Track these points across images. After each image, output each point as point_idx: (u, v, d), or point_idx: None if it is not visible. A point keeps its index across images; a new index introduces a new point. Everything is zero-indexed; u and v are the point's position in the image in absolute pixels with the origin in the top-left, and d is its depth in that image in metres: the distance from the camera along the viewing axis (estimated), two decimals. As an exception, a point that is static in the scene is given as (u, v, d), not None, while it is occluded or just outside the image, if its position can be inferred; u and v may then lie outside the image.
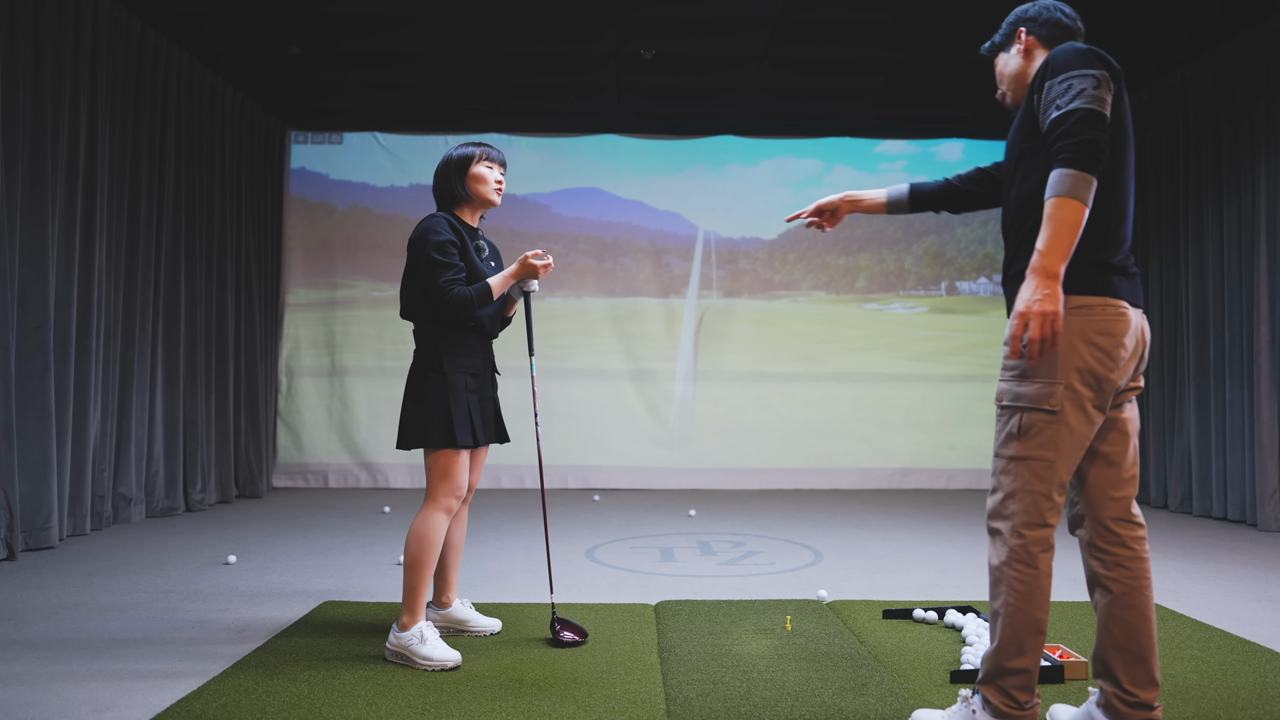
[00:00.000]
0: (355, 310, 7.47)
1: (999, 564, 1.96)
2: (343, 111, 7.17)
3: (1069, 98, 1.85)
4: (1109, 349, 1.90)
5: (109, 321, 5.04)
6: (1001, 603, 1.95)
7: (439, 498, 2.69)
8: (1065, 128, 1.83)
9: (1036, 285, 1.82)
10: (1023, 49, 2.15)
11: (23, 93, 4.29)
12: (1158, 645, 1.99)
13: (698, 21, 5.46)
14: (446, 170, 2.85)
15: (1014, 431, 1.94)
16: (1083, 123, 1.82)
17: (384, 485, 7.23)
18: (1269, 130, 5.36)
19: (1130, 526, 1.98)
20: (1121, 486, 1.99)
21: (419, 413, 2.70)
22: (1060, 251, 1.82)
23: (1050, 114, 1.88)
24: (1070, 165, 1.81)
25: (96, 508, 4.91)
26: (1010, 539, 1.94)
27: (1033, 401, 1.91)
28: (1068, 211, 1.81)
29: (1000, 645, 1.95)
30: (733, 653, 2.72)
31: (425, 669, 2.55)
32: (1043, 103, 1.92)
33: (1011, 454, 1.95)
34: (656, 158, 7.64)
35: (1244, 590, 3.71)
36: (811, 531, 5.19)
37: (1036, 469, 1.91)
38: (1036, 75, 1.98)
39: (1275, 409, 5.29)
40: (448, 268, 2.68)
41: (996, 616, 1.97)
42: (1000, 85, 2.24)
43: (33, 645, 2.79)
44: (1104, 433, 1.99)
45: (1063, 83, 1.87)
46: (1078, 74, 1.87)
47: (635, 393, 7.47)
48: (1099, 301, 1.90)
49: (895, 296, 7.78)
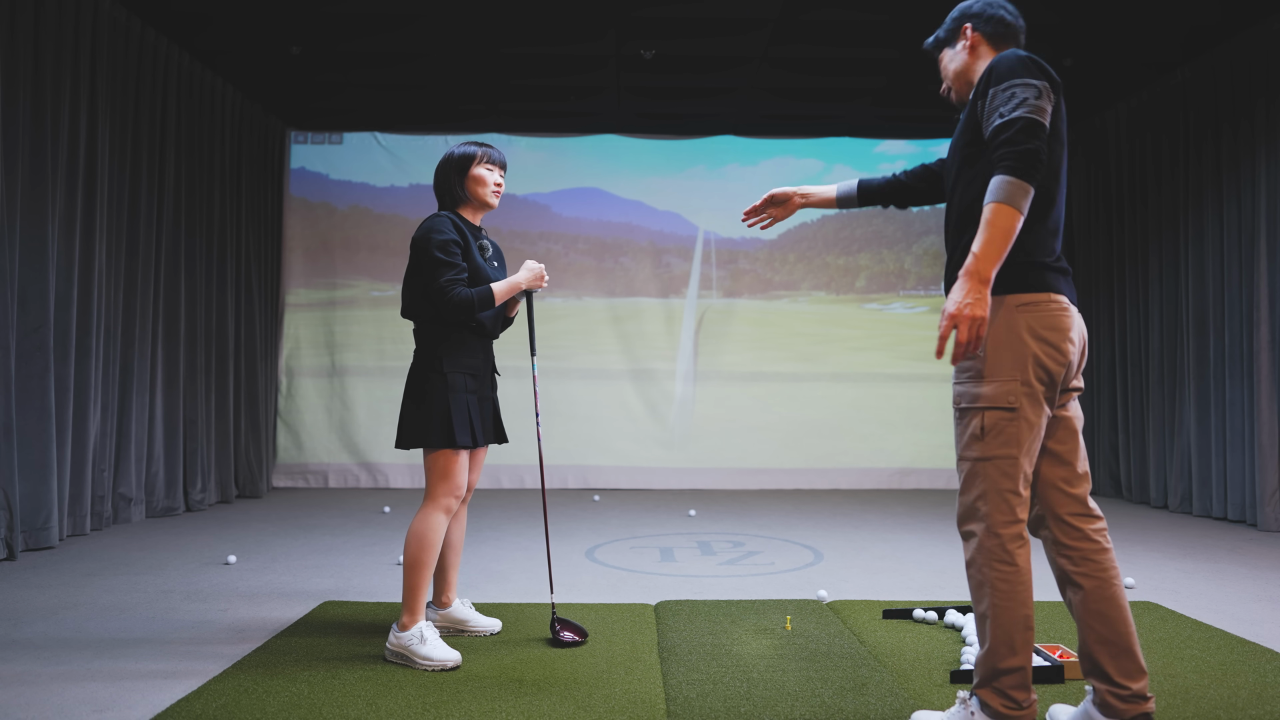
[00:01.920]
0: (355, 310, 7.47)
1: (979, 566, 1.98)
2: (343, 111, 7.17)
3: (1011, 106, 1.89)
4: (1057, 343, 1.95)
5: (109, 321, 5.04)
6: (987, 605, 1.96)
7: (438, 498, 2.69)
8: (1007, 135, 1.87)
9: (968, 289, 1.87)
10: (968, 45, 2.17)
11: (23, 93, 4.29)
12: (1139, 640, 2.00)
13: (698, 21, 5.46)
14: (446, 169, 2.85)
15: (976, 433, 1.97)
16: (1024, 131, 1.86)
17: (384, 485, 7.23)
18: (1269, 130, 5.36)
19: (1090, 520, 2.02)
20: (1076, 483, 2.03)
21: (419, 413, 2.70)
22: (993, 256, 1.86)
23: (993, 121, 1.92)
24: (1011, 173, 1.85)
25: (96, 508, 4.91)
26: (985, 539, 1.96)
27: (991, 401, 1.95)
28: (1004, 218, 1.86)
29: (992, 647, 1.95)
30: (733, 653, 2.72)
31: (425, 669, 2.55)
32: (986, 109, 1.96)
33: (976, 455, 1.98)
34: (656, 158, 7.64)
35: (1244, 590, 3.71)
36: (811, 531, 5.19)
37: (1003, 467, 1.94)
38: (980, 81, 2.01)
39: (1275, 409, 5.29)
40: (450, 267, 2.68)
41: (984, 619, 1.97)
42: (945, 80, 2.27)
43: (33, 645, 2.79)
44: (1053, 431, 2.03)
45: (1005, 90, 1.91)
46: (1020, 83, 1.91)
47: (635, 393, 7.47)
48: (1044, 298, 1.96)
49: (895, 296, 7.78)
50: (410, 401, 2.74)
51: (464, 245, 2.75)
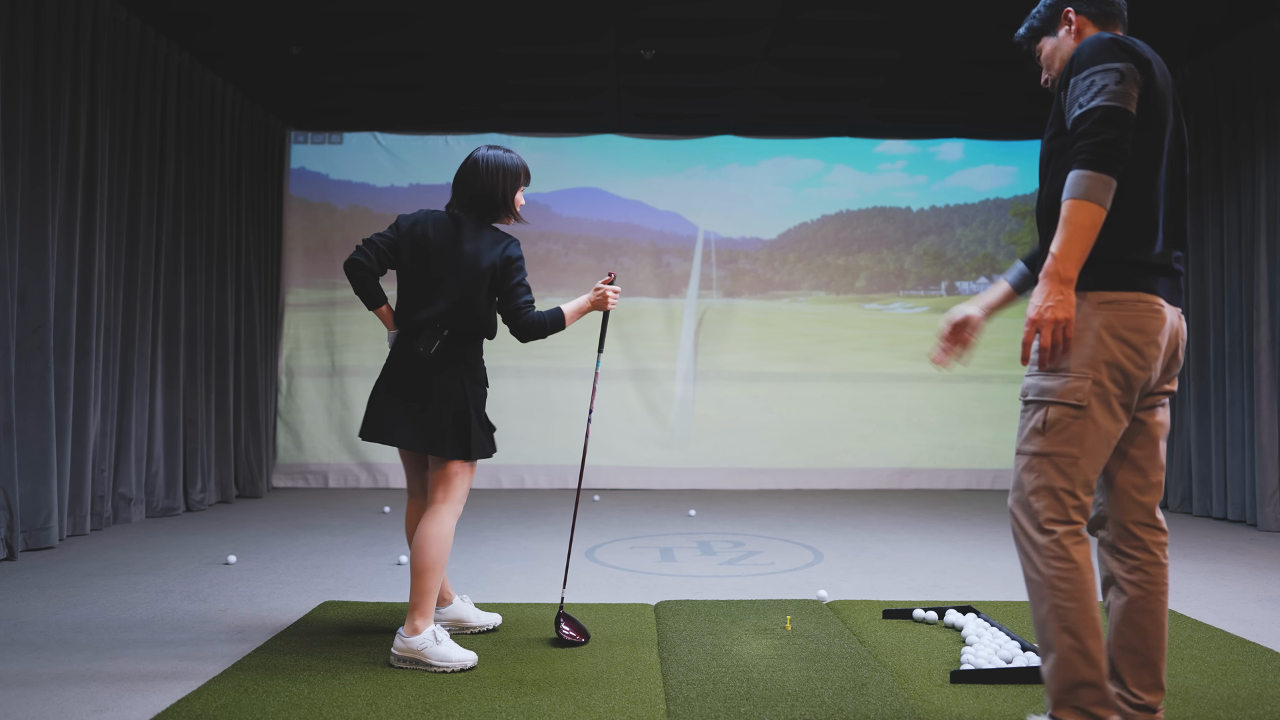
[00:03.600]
0: (355, 310, 7.46)
1: (1035, 566, 1.86)
2: (343, 111, 7.17)
3: (1090, 95, 1.81)
4: (1140, 346, 1.84)
5: (109, 321, 5.04)
6: (1048, 608, 1.83)
7: (458, 502, 2.74)
8: (1085, 127, 1.79)
9: (1049, 291, 1.80)
10: (1073, 30, 2.06)
11: (23, 93, 4.29)
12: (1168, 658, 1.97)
13: (698, 21, 5.46)
14: (502, 176, 2.79)
15: (1038, 426, 1.88)
16: (1103, 121, 1.77)
17: (384, 485, 7.22)
18: (1269, 130, 5.36)
19: (1154, 531, 1.96)
20: (1147, 491, 1.96)
21: (482, 426, 2.77)
22: (1074, 256, 1.78)
23: (1073, 111, 1.84)
24: (1088, 166, 1.77)
25: (96, 508, 4.91)
26: (1039, 537, 1.86)
27: (1059, 396, 1.86)
28: (1083, 214, 1.78)
29: (1061, 656, 1.80)
30: (733, 653, 2.72)
31: (444, 670, 2.53)
32: (1068, 100, 1.88)
33: (1035, 449, 1.89)
34: (656, 158, 7.64)
35: (1244, 590, 3.71)
36: (811, 531, 5.19)
37: (1061, 464, 1.85)
38: (1064, 70, 1.93)
39: (1275, 409, 5.29)
40: (529, 289, 2.78)
41: (1046, 625, 1.83)
42: (1048, 71, 2.15)
43: (33, 645, 2.79)
44: (1132, 435, 1.95)
45: (1085, 79, 1.83)
46: (1100, 69, 1.82)
47: (635, 393, 7.47)
48: (1131, 297, 1.86)
49: (895, 296, 7.77)
50: (472, 413, 2.71)
51: None
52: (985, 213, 7.73)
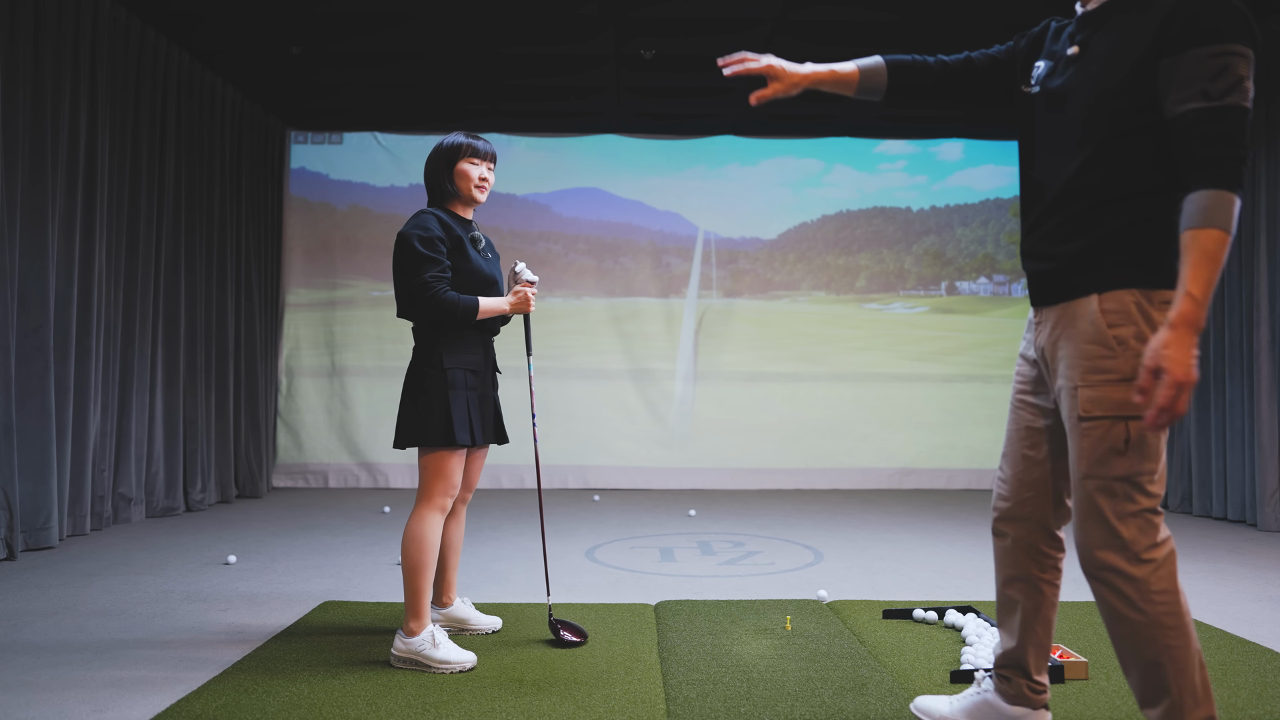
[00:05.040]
0: (355, 310, 7.47)
1: (1134, 605, 1.64)
2: (342, 111, 7.17)
3: (1224, 85, 1.46)
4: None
5: (109, 321, 5.04)
6: (1159, 649, 1.63)
7: (433, 497, 2.64)
8: (1220, 131, 1.46)
9: (1187, 344, 1.49)
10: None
11: (23, 92, 4.29)
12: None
13: (698, 21, 5.46)
14: (435, 162, 2.78)
15: (1118, 446, 1.65)
16: (1243, 126, 1.46)
17: (384, 485, 7.22)
18: (1269, 130, 5.36)
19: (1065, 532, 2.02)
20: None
21: (417, 410, 2.64)
22: (1208, 298, 1.50)
23: (1192, 103, 1.49)
24: (1225, 185, 1.46)
25: (96, 508, 4.91)
26: (1135, 570, 1.64)
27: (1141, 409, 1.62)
28: (1221, 247, 1.48)
29: (1176, 701, 1.62)
30: (733, 653, 2.72)
31: (443, 671, 2.53)
32: (1179, 74, 1.50)
33: (1119, 474, 1.65)
34: (656, 158, 7.64)
35: (1244, 590, 3.71)
36: (811, 531, 5.19)
37: (1145, 484, 1.65)
38: (1165, 14, 1.50)
39: (1275, 409, 5.29)
40: (433, 264, 2.61)
41: (1157, 668, 1.64)
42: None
43: (33, 645, 2.79)
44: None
45: (1217, 57, 1.46)
46: (1237, 51, 1.45)
47: (635, 393, 7.47)
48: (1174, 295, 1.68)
49: (895, 296, 7.78)
50: (408, 399, 2.68)
51: (452, 242, 2.69)
52: (985, 213, 7.73)
